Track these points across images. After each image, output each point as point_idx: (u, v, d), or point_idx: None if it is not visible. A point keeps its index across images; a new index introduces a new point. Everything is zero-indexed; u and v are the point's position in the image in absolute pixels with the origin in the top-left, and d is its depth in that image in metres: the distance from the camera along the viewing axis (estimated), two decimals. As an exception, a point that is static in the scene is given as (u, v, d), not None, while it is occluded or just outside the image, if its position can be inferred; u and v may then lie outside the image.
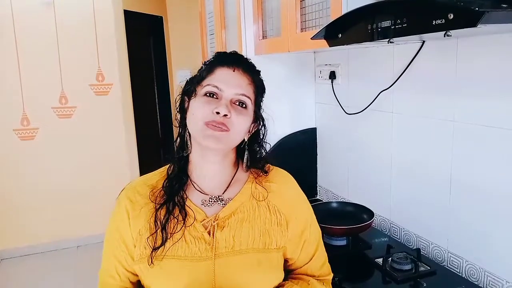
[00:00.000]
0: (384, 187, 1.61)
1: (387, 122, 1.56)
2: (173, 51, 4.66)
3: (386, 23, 0.97)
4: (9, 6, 3.07)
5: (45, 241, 3.38)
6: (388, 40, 1.04)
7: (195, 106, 0.89)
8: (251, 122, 0.93)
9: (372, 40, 1.04)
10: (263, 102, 0.98)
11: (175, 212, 0.89)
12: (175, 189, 0.92)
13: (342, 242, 1.51)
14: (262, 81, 0.96)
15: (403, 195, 1.53)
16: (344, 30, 1.15)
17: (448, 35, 0.87)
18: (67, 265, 3.18)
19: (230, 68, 0.90)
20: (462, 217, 1.27)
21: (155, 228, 0.88)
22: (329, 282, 1.02)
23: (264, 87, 0.96)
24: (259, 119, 0.96)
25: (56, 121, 3.32)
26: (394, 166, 1.55)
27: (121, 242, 0.92)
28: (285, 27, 1.62)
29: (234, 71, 0.90)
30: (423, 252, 1.42)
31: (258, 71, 0.95)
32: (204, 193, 0.94)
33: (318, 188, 2.13)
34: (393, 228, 1.60)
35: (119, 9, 3.44)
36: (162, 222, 0.88)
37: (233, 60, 0.92)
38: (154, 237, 0.87)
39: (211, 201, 0.93)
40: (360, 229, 1.49)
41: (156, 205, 0.91)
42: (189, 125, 0.91)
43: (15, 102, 3.18)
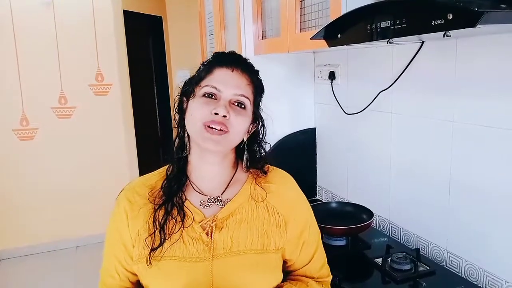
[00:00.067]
0: (384, 187, 1.61)
1: (387, 122, 1.56)
2: (173, 51, 4.66)
3: (386, 23, 0.97)
4: (8, 6, 3.07)
5: (45, 241, 3.38)
6: (387, 40, 1.04)
7: (193, 107, 0.89)
8: (250, 123, 0.93)
9: (371, 40, 1.04)
10: (262, 102, 0.97)
11: (174, 213, 0.89)
12: (173, 190, 0.92)
13: (341, 242, 1.51)
14: (261, 81, 0.96)
15: (403, 195, 1.53)
16: (343, 30, 1.15)
17: (447, 35, 0.87)
18: (67, 265, 3.18)
19: (229, 68, 0.90)
20: (462, 217, 1.27)
21: (154, 228, 0.88)
22: (328, 284, 1.01)
23: (263, 87, 0.96)
24: (258, 119, 0.95)
25: (56, 121, 3.32)
26: (394, 166, 1.55)
27: (120, 242, 0.92)
28: (285, 27, 1.62)
29: (232, 72, 0.90)
30: (423, 252, 1.42)
31: (257, 71, 0.95)
32: (203, 194, 0.94)
33: (317, 188, 2.13)
34: (392, 228, 1.60)
35: (119, 9, 3.44)
36: (160, 222, 0.88)
37: (231, 60, 0.91)
38: (152, 237, 0.87)
39: (210, 202, 0.93)
40: (359, 229, 1.49)
41: (154, 205, 0.91)
42: (188, 126, 0.90)
43: (14, 102, 3.18)
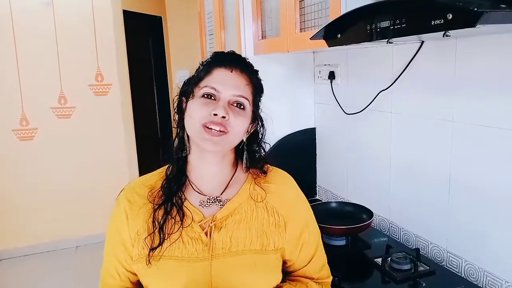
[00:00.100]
0: (383, 187, 1.61)
1: (386, 122, 1.56)
2: (172, 51, 4.66)
3: (385, 23, 0.97)
4: (8, 6, 3.07)
5: (45, 241, 3.38)
6: (387, 40, 1.03)
7: (192, 107, 0.88)
8: (249, 123, 0.93)
9: (371, 40, 1.04)
10: (262, 102, 0.97)
11: (173, 213, 0.89)
12: (173, 190, 0.92)
13: (341, 242, 1.51)
14: (260, 81, 0.95)
15: (402, 195, 1.53)
16: (343, 30, 1.15)
17: (447, 35, 0.87)
18: (67, 265, 3.18)
19: (228, 69, 0.89)
20: (461, 217, 1.27)
21: (153, 228, 0.88)
22: (328, 285, 1.01)
23: (262, 87, 0.96)
24: (257, 119, 0.95)
25: (55, 121, 3.31)
26: (393, 166, 1.56)
27: (120, 242, 0.92)
28: (284, 27, 1.62)
29: (231, 72, 0.89)
30: (422, 252, 1.42)
31: (256, 71, 0.95)
32: (202, 194, 0.94)
33: (317, 188, 2.13)
34: (392, 228, 1.60)
35: (118, 9, 3.44)
36: (159, 222, 0.88)
37: (230, 61, 0.91)
38: (151, 237, 0.87)
39: (209, 202, 0.93)
40: (359, 229, 1.49)
41: (154, 205, 0.91)
42: (187, 127, 0.90)
43: (14, 102, 3.18)
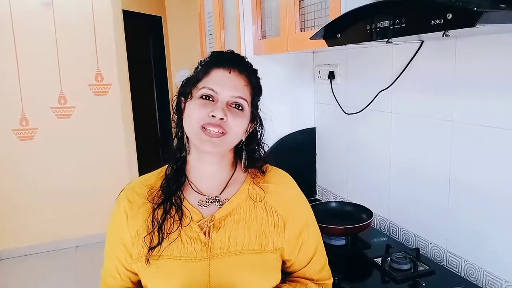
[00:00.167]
0: (383, 187, 1.61)
1: (386, 122, 1.56)
2: (172, 51, 4.66)
3: (385, 23, 0.97)
4: (8, 6, 3.07)
5: (45, 241, 3.38)
6: (387, 40, 1.04)
7: (191, 108, 0.88)
8: (248, 123, 0.92)
9: (371, 40, 1.04)
10: (262, 102, 0.97)
11: (172, 212, 0.89)
12: (172, 189, 0.92)
13: (341, 242, 1.51)
14: (259, 80, 0.95)
15: (402, 195, 1.53)
16: (343, 30, 1.15)
17: (446, 35, 0.87)
18: (67, 265, 3.18)
19: (226, 69, 0.89)
20: (461, 217, 1.27)
21: (152, 228, 0.88)
22: (329, 286, 1.00)
23: (261, 87, 0.95)
24: (256, 119, 0.95)
25: (55, 121, 3.31)
26: (393, 166, 1.56)
27: (120, 242, 0.92)
28: (284, 27, 1.62)
29: (230, 73, 0.89)
30: (422, 251, 1.42)
31: (255, 70, 0.94)
32: (201, 194, 0.94)
33: (317, 188, 2.13)
34: (392, 228, 1.60)
35: (118, 9, 3.44)
36: (158, 222, 0.88)
37: (229, 61, 0.90)
38: (150, 236, 0.88)
39: (208, 202, 0.93)
40: (359, 229, 1.49)
41: (153, 205, 0.91)
42: (186, 127, 0.90)
43: (14, 102, 3.18)
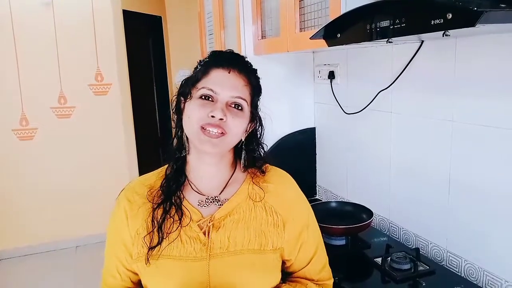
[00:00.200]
0: (383, 187, 1.61)
1: (386, 122, 1.56)
2: (172, 51, 4.66)
3: (385, 23, 0.97)
4: (8, 6, 3.07)
5: (45, 241, 3.38)
6: (387, 40, 1.03)
7: (190, 108, 0.88)
8: (248, 123, 0.92)
9: (370, 40, 1.04)
10: (262, 102, 0.96)
11: (172, 212, 0.89)
12: (172, 189, 0.92)
13: (341, 241, 1.51)
14: (259, 80, 0.94)
15: (402, 194, 1.53)
16: (343, 30, 1.15)
17: (446, 35, 0.87)
18: (67, 265, 3.18)
19: (226, 69, 0.88)
20: (461, 217, 1.27)
21: (152, 227, 0.88)
22: (329, 287, 1.00)
23: (260, 87, 0.95)
24: (255, 119, 0.95)
25: (55, 121, 3.31)
26: (393, 166, 1.56)
27: (120, 242, 0.92)
28: (284, 27, 1.62)
29: (229, 73, 0.88)
30: (422, 251, 1.42)
31: (255, 70, 0.94)
32: (201, 194, 0.94)
33: (317, 188, 2.13)
34: (392, 228, 1.60)
35: (118, 9, 3.44)
36: (158, 221, 0.88)
37: (228, 61, 0.90)
38: (150, 236, 0.88)
39: (208, 202, 0.93)
40: (359, 229, 1.49)
41: (153, 204, 0.91)
42: (185, 127, 0.90)
43: (14, 102, 3.18)
